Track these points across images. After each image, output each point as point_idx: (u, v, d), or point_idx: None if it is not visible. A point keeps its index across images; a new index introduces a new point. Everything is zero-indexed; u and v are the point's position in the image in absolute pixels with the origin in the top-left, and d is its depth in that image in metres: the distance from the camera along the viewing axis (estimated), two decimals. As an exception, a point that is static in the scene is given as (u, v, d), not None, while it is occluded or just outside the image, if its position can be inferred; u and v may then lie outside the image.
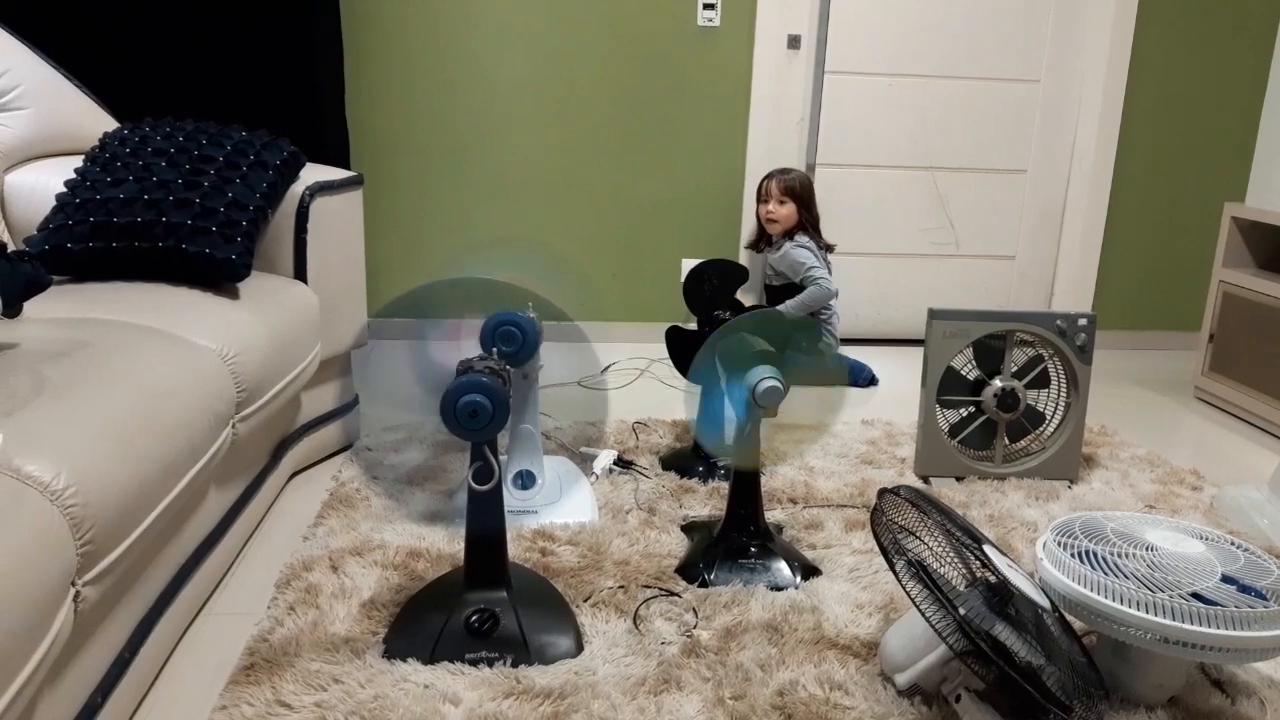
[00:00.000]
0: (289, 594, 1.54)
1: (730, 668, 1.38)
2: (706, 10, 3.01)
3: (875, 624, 1.51)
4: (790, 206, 2.98)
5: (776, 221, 2.99)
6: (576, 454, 2.17)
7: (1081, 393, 2.10)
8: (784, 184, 2.98)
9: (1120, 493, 2.09)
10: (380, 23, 2.94)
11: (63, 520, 0.98)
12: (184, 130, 1.83)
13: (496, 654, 1.38)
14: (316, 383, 2.06)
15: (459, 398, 1.33)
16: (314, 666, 1.35)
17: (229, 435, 1.48)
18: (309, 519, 1.84)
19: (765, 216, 3.02)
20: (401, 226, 3.12)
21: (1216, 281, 2.76)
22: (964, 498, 2.01)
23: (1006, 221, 3.36)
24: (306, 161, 2.00)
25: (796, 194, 2.98)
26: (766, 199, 3.00)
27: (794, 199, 2.98)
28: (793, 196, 2.98)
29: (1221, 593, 1.22)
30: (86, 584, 1.03)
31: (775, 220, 2.99)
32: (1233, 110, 3.27)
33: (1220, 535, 1.38)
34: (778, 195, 2.98)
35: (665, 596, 1.58)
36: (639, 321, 3.24)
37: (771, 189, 2.99)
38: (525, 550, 1.70)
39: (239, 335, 1.57)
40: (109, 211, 1.65)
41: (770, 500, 1.97)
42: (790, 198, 2.98)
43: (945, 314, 2.07)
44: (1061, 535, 1.38)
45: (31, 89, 1.96)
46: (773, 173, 3.02)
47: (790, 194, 2.98)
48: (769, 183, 3.01)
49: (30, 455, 1.00)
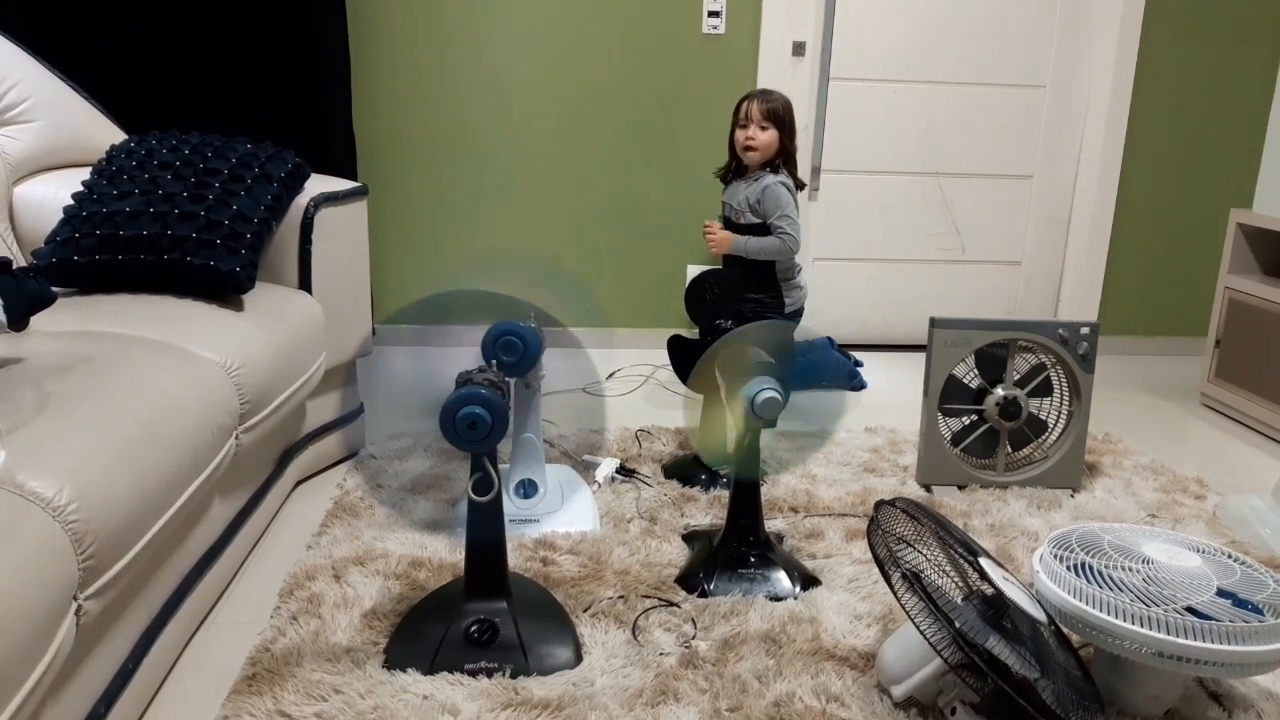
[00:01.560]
0: (292, 603, 1.55)
1: (728, 679, 1.39)
2: (711, 18, 3.02)
3: (873, 635, 1.52)
4: (772, 133, 2.67)
5: (756, 150, 2.67)
6: (579, 462, 2.18)
7: (1084, 401, 2.10)
8: (766, 107, 2.66)
9: (1123, 501, 2.09)
10: (386, 32, 2.96)
11: (65, 536, 1.00)
12: (189, 143, 1.85)
13: (496, 664, 1.39)
14: (321, 391, 2.08)
15: (458, 409, 1.34)
16: (315, 676, 1.36)
17: (232, 446, 1.50)
18: (313, 527, 1.85)
19: (744, 143, 2.69)
20: (408, 233, 3.14)
21: (1222, 288, 2.76)
22: (966, 506, 2.02)
23: (1012, 227, 3.35)
24: (311, 173, 2.02)
25: (780, 119, 2.67)
26: (746, 123, 2.68)
27: (776, 125, 2.67)
28: (775, 122, 2.67)
29: (1216, 607, 1.23)
30: (88, 598, 1.04)
31: (754, 148, 2.67)
32: (1240, 116, 3.26)
33: (1217, 548, 1.38)
34: (759, 120, 2.66)
35: (664, 607, 1.59)
36: (644, 327, 3.25)
37: (753, 112, 2.66)
38: (526, 560, 1.72)
39: (243, 347, 1.59)
40: (115, 225, 1.68)
41: (771, 509, 1.97)
42: (773, 123, 2.66)
43: (947, 323, 2.07)
44: (1058, 548, 1.38)
45: (40, 102, 1.98)
46: (753, 94, 2.70)
47: (773, 119, 2.66)
48: (749, 104, 2.67)
49: (33, 471, 1.01)
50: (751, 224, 2.70)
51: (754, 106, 2.66)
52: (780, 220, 2.65)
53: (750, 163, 2.71)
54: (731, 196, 2.78)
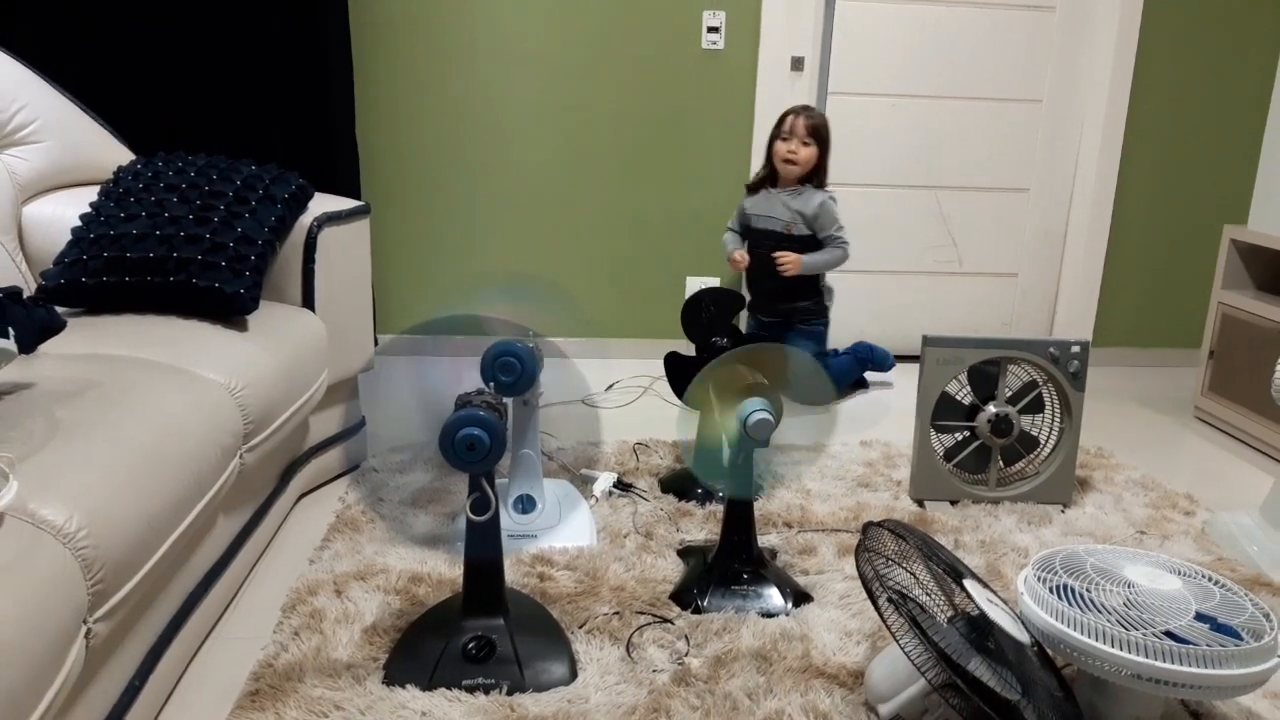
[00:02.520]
0: (294, 619, 1.59)
1: (719, 696, 1.42)
2: (711, 34, 3.05)
3: (863, 652, 1.55)
4: (813, 149, 2.79)
5: (796, 164, 2.79)
6: (577, 476, 2.21)
7: (1075, 418, 2.13)
8: (810, 124, 2.78)
9: (1113, 517, 2.11)
10: (390, 50, 2.99)
11: (75, 562, 1.04)
12: (195, 165, 1.88)
13: (493, 680, 1.42)
14: (324, 406, 2.12)
15: (457, 431, 1.38)
16: (316, 692, 1.40)
17: (237, 466, 1.53)
18: (315, 541, 1.89)
19: (785, 155, 2.79)
20: (411, 246, 3.17)
21: (1215, 304, 2.78)
22: (957, 522, 2.05)
23: (1009, 240, 3.38)
24: (315, 193, 2.05)
25: (822, 137, 2.80)
26: (788, 136, 2.79)
27: (818, 141, 2.80)
28: (818, 139, 2.79)
29: (1194, 631, 1.26)
30: (97, 621, 1.08)
31: (795, 162, 2.79)
32: (1235, 132, 3.29)
33: (1198, 571, 1.41)
34: (803, 135, 2.77)
35: (659, 623, 1.62)
36: (643, 339, 3.28)
37: (798, 126, 2.78)
38: (524, 575, 1.75)
39: (246, 368, 1.62)
40: (122, 247, 1.71)
41: (766, 524, 2.01)
42: (815, 140, 2.79)
43: (939, 341, 2.11)
44: (1042, 570, 1.42)
45: (48, 122, 2.02)
46: (797, 109, 2.81)
47: (815, 136, 2.79)
48: (795, 119, 2.78)
49: (44, 499, 1.05)
50: (802, 235, 2.82)
51: (799, 122, 2.77)
52: (838, 232, 2.80)
53: (788, 176, 2.82)
54: (768, 208, 2.86)
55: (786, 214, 2.82)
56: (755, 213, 2.89)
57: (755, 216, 2.89)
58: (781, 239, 2.83)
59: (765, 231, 2.87)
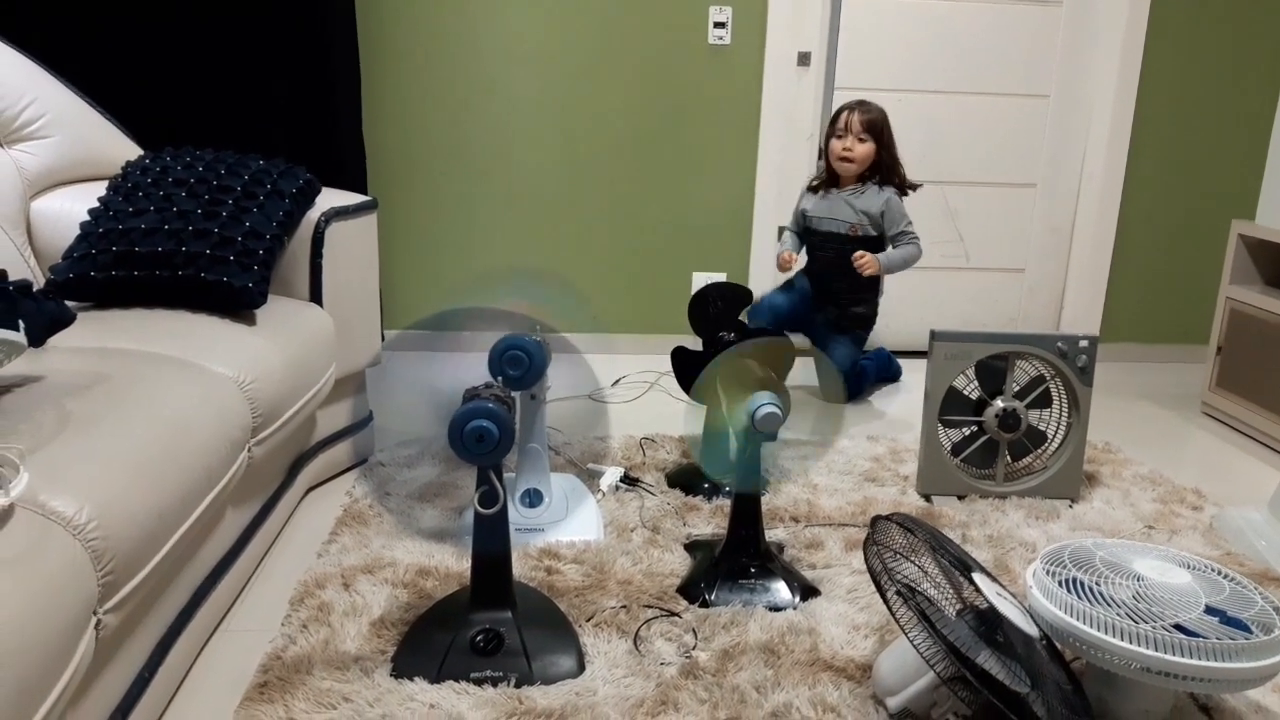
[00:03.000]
0: (302, 611, 1.59)
1: (727, 689, 1.42)
2: (717, 29, 3.05)
3: (870, 646, 1.55)
4: (870, 146, 2.68)
5: (853, 162, 2.69)
6: (584, 470, 2.21)
7: (1083, 413, 2.12)
8: (866, 119, 2.67)
9: (1120, 512, 2.11)
10: (396, 47, 3.00)
11: (85, 553, 1.04)
12: (203, 160, 1.89)
13: (500, 673, 1.43)
14: (331, 401, 2.12)
15: (466, 423, 1.38)
16: (325, 685, 1.40)
17: (245, 459, 1.54)
18: (323, 535, 1.89)
19: (840, 154, 2.70)
20: (418, 242, 3.17)
21: (1223, 298, 2.78)
22: (965, 517, 2.05)
23: (1016, 235, 3.38)
24: (322, 187, 2.05)
25: (878, 132, 2.69)
26: (844, 134, 2.69)
27: (875, 137, 2.69)
28: (874, 134, 2.68)
29: (1204, 624, 1.26)
30: (107, 612, 1.08)
31: (852, 160, 2.69)
32: (1242, 127, 3.27)
33: (1207, 564, 1.41)
34: (858, 131, 2.68)
35: (666, 617, 1.62)
36: (650, 334, 3.28)
37: (852, 123, 2.68)
38: (531, 569, 1.75)
39: (255, 361, 1.63)
40: (131, 241, 1.72)
41: (772, 518, 2.01)
42: (871, 135, 2.68)
43: (947, 336, 2.10)
44: (1051, 564, 1.41)
45: (57, 117, 2.02)
46: (852, 104, 2.70)
47: (871, 131, 2.68)
48: (850, 115, 2.69)
49: (55, 491, 1.05)
50: (868, 236, 2.73)
51: (854, 118, 2.67)
52: (908, 228, 2.72)
53: (845, 174, 2.73)
54: (831, 210, 2.76)
55: (852, 215, 2.73)
56: (817, 214, 2.79)
57: (817, 219, 2.79)
58: (846, 241, 2.73)
59: (828, 234, 2.77)
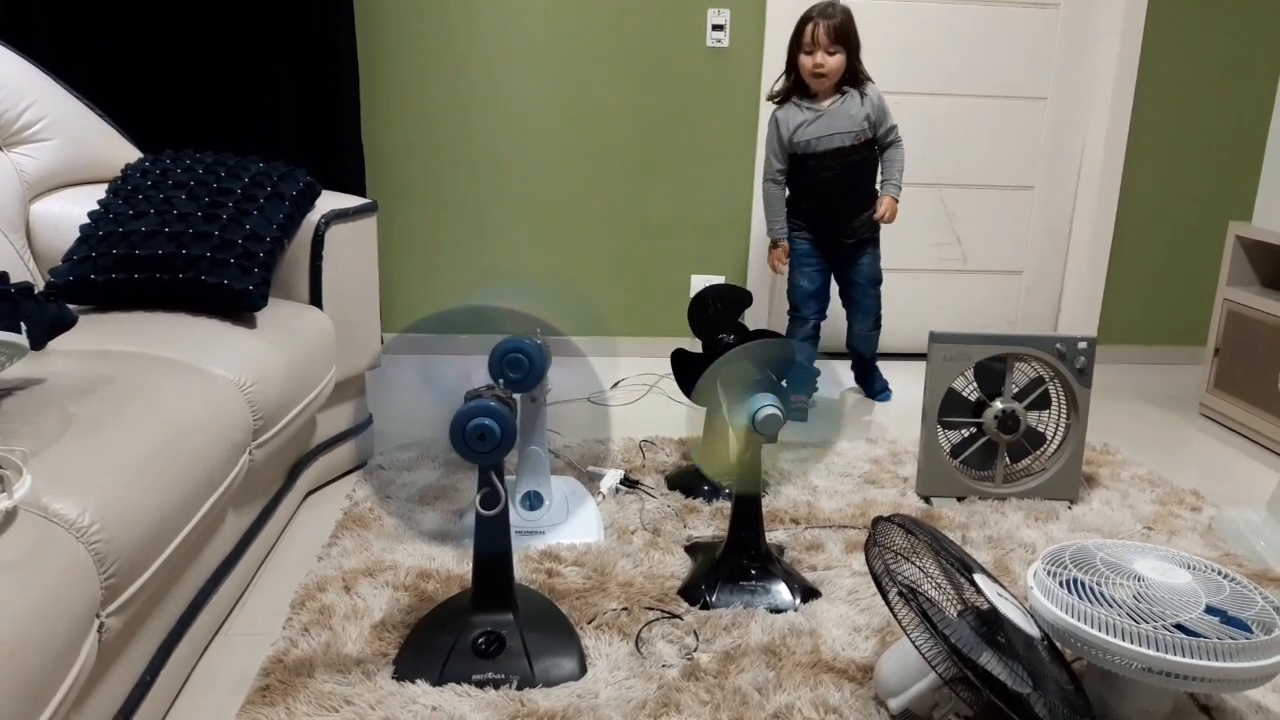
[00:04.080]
0: (303, 614, 1.59)
1: (728, 691, 1.42)
2: (716, 31, 3.06)
3: (872, 647, 1.55)
4: (841, 56, 2.57)
5: (825, 75, 2.58)
6: (584, 473, 2.21)
7: (1081, 414, 2.13)
8: (833, 29, 2.54)
9: (1119, 514, 2.11)
10: (396, 49, 3.00)
11: (88, 556, 1.04)
12: (203, 162, 1.89)
13: (502, 675, 1.43)
14: (331, 403, 2.12)
15: (468, 421, 1.38)
16: (327, 687, 1.40)
17: (246, 462, 1.54)
18: (323, 538, 1.89)
19: (812, 70, 2.58)
20: (418, 244, 3.18)
21: (1221, 300, 2.78)
22: (964, 518, 2.05)
23: (1014, 237, 3.38)
24: (322, 190, 2.06)
25: (846, 38, 2.57)
26: (813, 48, 2.56)
27: (845, 45, 2.57)
28: (843, 42, 2.56)
29: (1205, 624, 1.26)
30: (110, 615, 1.08)
31: (824, 74, 2.58)
32: (1239, 129, 3.29)
33: (1207, 565, 1.41)
34: (826, 44, 2.55)
35: (667, 619, 1.62)
36: (649, 336, 3.28)
37: (819, 35, 2.55)
38: (532, 571, 1.75)
39: (255, 364, 1.63)
40: (131, 244, 1.72)
41: (773, 520, 2.01)
42: (841, 44, 2.56)
43: (946, 337, 2.11)
44: (1051, 564, 1.42)
45: (56, 120, 2.02)
46: (813, 11, 2.57)
47: (840, 40, 2.56)
48: (814, 28, 2.55)
49: (58, 494, 1.05)
50: (864, 141, 2.65)
51: (820, 29, 2.54)
52: (894, 123, 2.66)
53: (819, 89, 2.63)
54: (828, 126, 2.63)
55: (853, 125, 2.63)
56: (814, 135, 2.65)
57: (815, 139, 2.65)
58: (851, 152, 2.65)
59: (830, 151, 2.65)
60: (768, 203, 2.77)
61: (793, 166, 2.71)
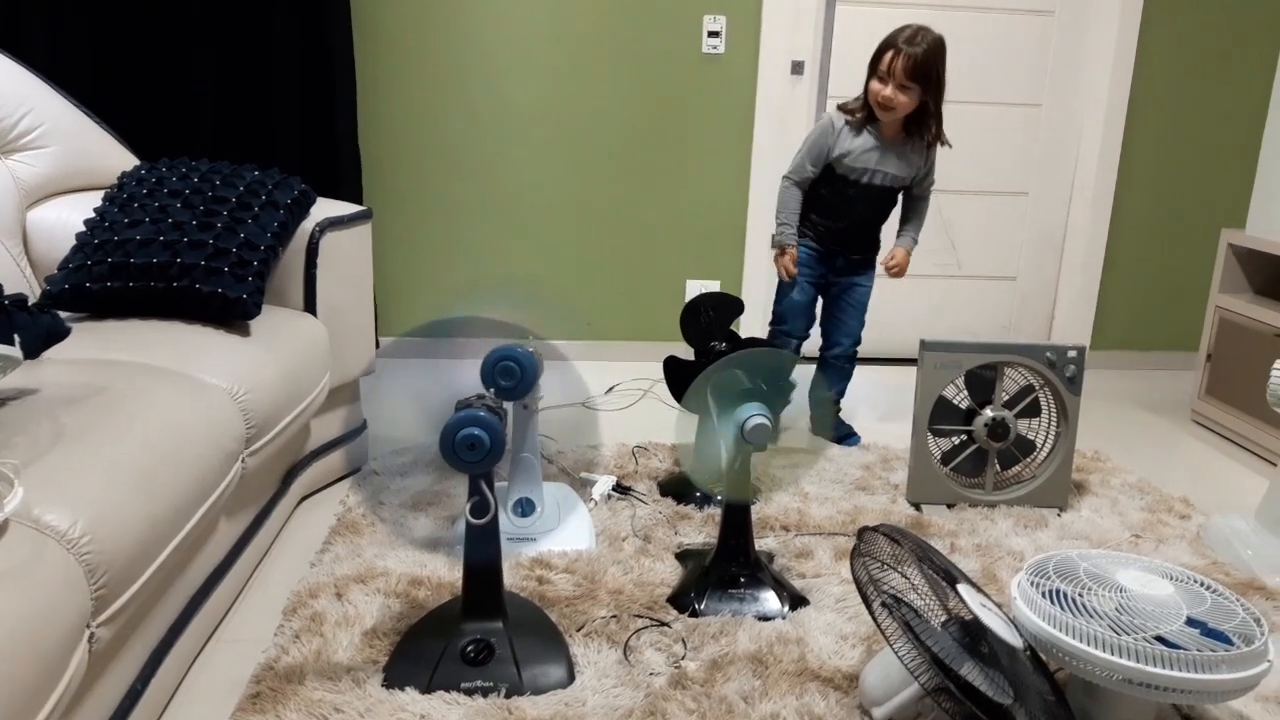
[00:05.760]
0: (295, 621, 1.61)
1: (715, 700, 1.44)
2: (711, 38, 3.07)
3: (858, 655, 1.57)
4: (915, 94, 2.31)
5: (894, 110, 2.34)
6: (576, 479, 2.23)
7: (1071, 423, 2.14)
8: (911, 64, 2.27)
9: (1108, 521, 2.13)
10: (391, 55, 3.01)
11: (79, 567, 1.05)
12: (199, 171, 1.90)
13: (491, 683, 1.44)
14: (325, 410, 2.13)
15: (458, 431, 1.40)
16: (317, 695, 1.41)
17: (239, 470, 1.55)
18: (316, 544, 1.91)
19: (880, 100, 2.33)
20: (413, 249, 3.19)
21: (1213, 307, 2.80)
22: (954, 526, 2.06)
23: (1008, 243, 3.40)
24: (317, 197, 2.07)
25: (925, 77, 2.30)
26: (887, 79, 2.31)
27: (921, 84, 2.30)
28: (920, 81, 2.30)
29: (1185, 636, 1.27)
30: (100, 625, 1.10)
31: (894, 109, 2.34)
32: (1234, 136, 3.30)
33: (1190, 576, 1.43)
34: (902, 78, 2.29)
35: (656, 626, 1.63)
36: (644, 341, 3.30)
37: (895, 68, 2.28)
38: (523, 579, 1.77)
39: (249, 373, 1.64)
40: (126, 252, 1.73)
41: (763, 527, 2.02)
42: (917, 83, 2.30)
43: (937, 345, 2.12)
44: (1035, 575, 1.43)
45: (53, 127, 2.04)
46: (900, 39, 2.29)
47: (918, 78, 2.29)
48: (893, 58, 2.28)
49: (49, 505, 1.07)
50: (901, 186, 2.49)
51: (898, 62, 2.28)
52: (934, 178, 2.52)
53: (886, 120, 2.39)
54: (880, 162, 2.43)
55: (905, 170, 2.45)
56: (861, 166, 2.43)
57: (860, 169, 2.44)
58: (893, 192, 2.49)
59: (868, 186, 2.46)
60: (784, 204, 2.51)
61: (824, 179, 2.49)
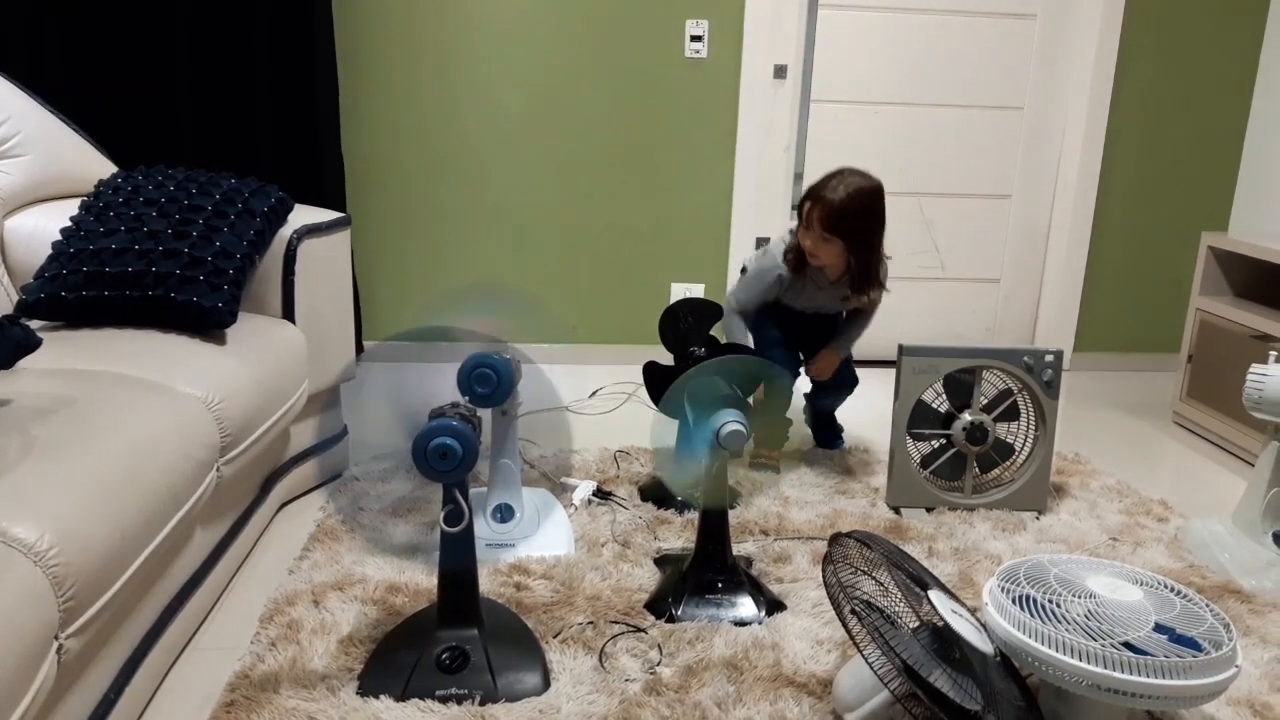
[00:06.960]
0: (271, 629, 1.61)
1: (689, 706, 1.44)
2: (694, 43, 3.07)
3: (833, 660, 1.57)
4: (837, 246, 2.15)
5: (818, 259, 2.21)
6: (556, 484, 2.23)
7: (1049, 426, 2.15)
8: (826, 214, 2.10)
9: (1086, 524, 2.14)
10: (374, 61, 3.01)
11: (45, 580, 1.05)
12: (175, 179, 1.90)
13: (466, 691, 1.44)
14: (305, 416, 2.13)
15: (430, 440, 1.40)
16: (291, 704, 1.41)
17: (213, 479, 1.55)
18: (295, 551, 1.91)
19: (806, 248, 2.20)
20: (395, 254, 3.19)
21: (1193, 310, 2.81)
22: (932, 529, 2.07)
23: (991, 245, 3.41)
24: (295, 205, 2.07)
25: (846, 228, 2.13)
26: (808, 225, 2.17)
27: (842, 235, 2.13)
28: (840, 232, 2.13)
29: (1152, 642, 1.28)
30: (69, 636, 1.10)
31: (818, 260, 2.22)
32: (1215, 139, 3.31)
33: (1160, 581, 1.43)
34: (819, 229, 2.14)
35: (632, 632, 1.64)
36: (628, 344, 3.30)
37: (814, 217, 2.13)
38: (500, 585, 1.77)
39: (224, 381, 1.64)
40: (101, 261, 1.73)
41: (743, 532, 2.03)
42: (837, 234, 2.13)
43: (916, 350, 2.13)
44: (1006, 581, 1.44)
45: (31, 136, 2.03)
46: (820, 189, 2.13)
47: (837, 229, 2.12)
48: (810, 207, 2.14)
49: (16, 518, 1.07)
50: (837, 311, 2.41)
51: (814, 211, 2.12)
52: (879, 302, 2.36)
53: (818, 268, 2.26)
54: (817, 302, 2.35)
55: (849, 305, 2.36)
56: (800, 302, 2.37)
57: (801, 303, 2.37)
58: (836, 317, 2.43)
59: (814, 314, 2.40)
60: (729, 330, 2.36)
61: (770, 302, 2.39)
